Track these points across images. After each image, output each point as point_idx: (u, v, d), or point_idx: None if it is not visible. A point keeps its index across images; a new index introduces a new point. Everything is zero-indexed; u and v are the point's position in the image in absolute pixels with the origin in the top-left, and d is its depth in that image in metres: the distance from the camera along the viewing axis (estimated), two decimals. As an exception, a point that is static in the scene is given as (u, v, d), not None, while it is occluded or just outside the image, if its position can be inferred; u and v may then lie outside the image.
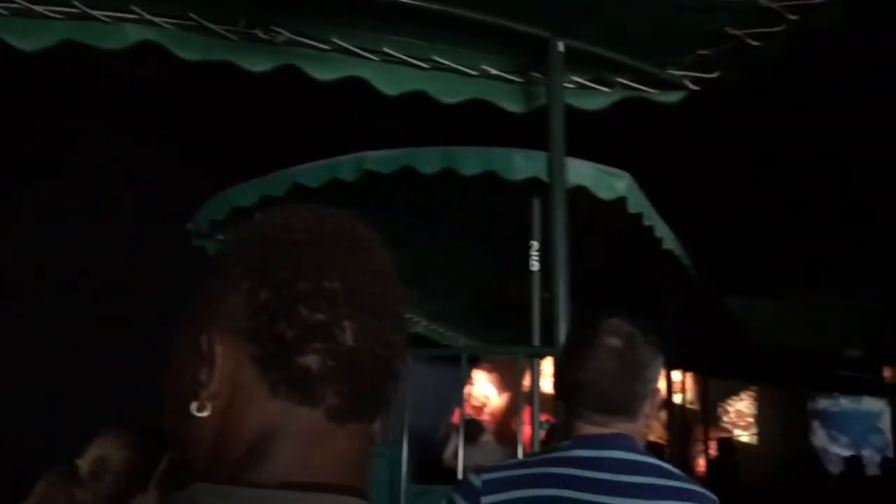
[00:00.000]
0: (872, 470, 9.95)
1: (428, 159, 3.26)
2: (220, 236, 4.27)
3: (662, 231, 3.86)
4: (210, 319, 0.68)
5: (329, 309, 0.65)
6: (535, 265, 3.28)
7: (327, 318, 0.65)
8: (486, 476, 1.37)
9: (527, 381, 3.43)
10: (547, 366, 3.89)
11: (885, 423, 12.44)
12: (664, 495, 1.35)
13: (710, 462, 9.61)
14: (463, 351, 4.48)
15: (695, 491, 1.39)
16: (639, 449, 1.41)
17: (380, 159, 3.38)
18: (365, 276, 0.68)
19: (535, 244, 3.29)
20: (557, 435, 1.45)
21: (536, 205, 3.34)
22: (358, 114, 4.58)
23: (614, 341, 1.39)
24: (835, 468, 10.69)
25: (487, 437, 6.79)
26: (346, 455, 0.65)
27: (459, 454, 3.51)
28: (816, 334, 9.49)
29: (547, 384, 3.00)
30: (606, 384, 1.38)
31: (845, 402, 11.73)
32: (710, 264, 5.25)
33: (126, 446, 1.41)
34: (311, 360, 0.64)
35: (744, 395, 11.07)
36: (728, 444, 10.01)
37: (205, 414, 0.65)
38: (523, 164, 3.17)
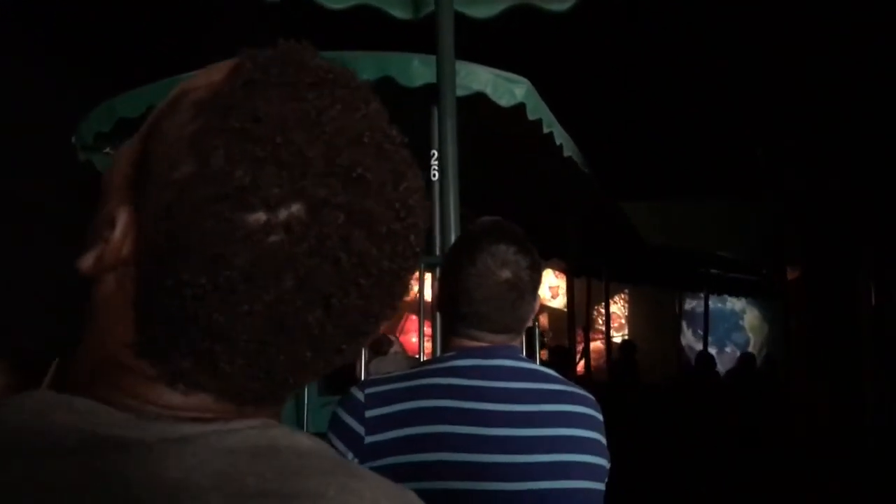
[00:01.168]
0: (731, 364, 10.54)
1: (322, 66, 3.15)
2: (107, 150, 4.08)
3: (562, 138, 3.88)
4: None
5: None
6: (435, 174, 3.25)
7: None
8: (369, 389, 1.31)
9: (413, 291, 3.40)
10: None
11: (747, 322, 13.19)
12: (549, 399, 1.36)
13: (612, 363, 10.00)
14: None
15: (577, 393, 1.42)
16: (520, 356, 1.42)
17: (272, 65, 3.24)
18: None
19: (435, 153, 3.25)
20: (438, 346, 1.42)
21: (435, 112, 3.29)
22: (243, 19, 4.38)
23: (504, 273, 1.35)
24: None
25: (396, 348, 6.86)
26: None
27: (361, 367, 3.52)
28: (699, 237, 9.89)
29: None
30: (494, 314, 1.37)
31: (710, 303, 12.28)
32: (601, 169, 5.34)
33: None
34: None
35: (617, 298, 11.41)
36: (629, 346, 10.43)
37: None
38: (421, 70, 3.10)
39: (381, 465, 1.24)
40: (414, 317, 10.34)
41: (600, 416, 1.43)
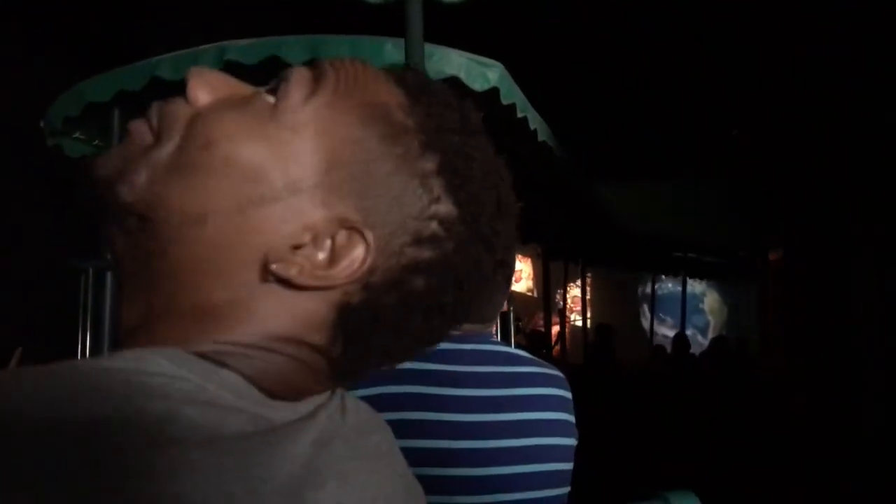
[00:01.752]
0: (697, 348, 10.66)
1: (294, 48, 3.12)
2: (77, 134, 4.02)
3: (536, 122, 3.87)
4: None
5: None
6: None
7: None
8: None
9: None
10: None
11: (707, 305, 13.33)
12: (518, 383, 1.36)
13: (589, 346, 10.07)
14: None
15: (546, 374, 1.42)
16: (492, 339, 1.42)
17: (242, 49, 3.21)
18: None
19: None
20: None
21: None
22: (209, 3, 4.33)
23: None
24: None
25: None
26: None
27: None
28: (674, 219, 9.93)
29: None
30: (478, 310, 1.37)
31: (670, 286, 12.36)
32: (577, 152, 5.34)
33: None
34: None
35: (579, 282, 11.46)
36: (606, 329, 10.49)
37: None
38: (394, 53, 3.08)
39: None
40: None
41: (569, 395, 1.43)
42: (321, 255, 0.56)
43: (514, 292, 11.75)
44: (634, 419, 7.30)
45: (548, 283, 10.13)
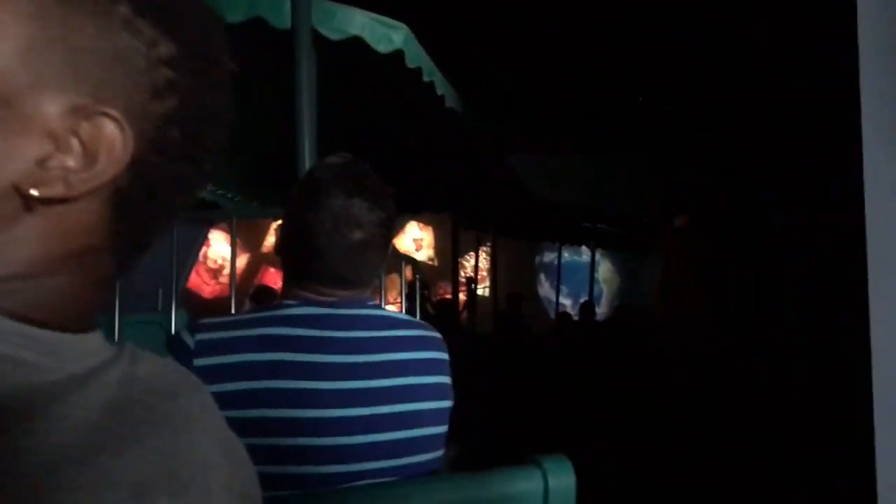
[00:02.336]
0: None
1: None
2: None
3: (443, 88, 3.81)
4: None
5: None
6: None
7: None
8: (200, 336, 1.22)
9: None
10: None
11: (600, 274, 13.70)
12: (393, 347, 1.32)
13: (499, 315, 10.15)
14: (234, 214, 4.28)
15: (423, 337, 1.38)
16: (367, 304, 1.36)
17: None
18: None
19: (310, 99, 3.12)
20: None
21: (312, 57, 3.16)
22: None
23: (357, 235, 1.28)
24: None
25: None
26: None
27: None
28: (577, 190, 10.09)
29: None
30: (345, 272, 1.31)
31: (566, 255, 12.60)
32: (486, 122, 5.31)
33: None
34: None
35: (482, 251, 11.49)
36: (517, 297, 10.59)
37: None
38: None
39: None
40: (272, 269, 10.07)
41: (446, 356, 1.41)
42: (74, 159, 0.49)
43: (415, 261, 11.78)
44: (547, 386, 7.41)
45: (456, 251, 10.14)
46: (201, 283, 10.16)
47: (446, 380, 1.38)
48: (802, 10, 5.00)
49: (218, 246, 10.13)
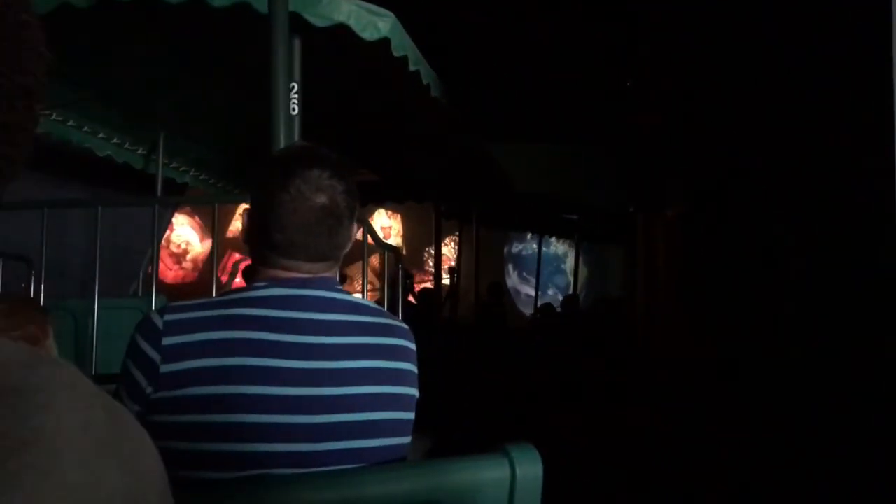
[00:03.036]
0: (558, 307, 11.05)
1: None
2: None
3: (429, 77, 3.81)
4: None
5: None
6: (294, 108, 3.13)
7: None
8: (168, 316, 1.24)
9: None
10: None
11: (568, 265, 13.78)
12: (363, 332, 1.34)
13: (481, 305, 10.19)
14: (215, 200, 4.27)
15: (391, 325, 1.40)
16: (335, 287, 1.37)
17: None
18: None
19: (295, 86, 3.11)
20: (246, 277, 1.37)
21: (297, 43, 3.15)
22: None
23: (319, 199, 1.30)
24: (525, 307, 11.76)
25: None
26: None
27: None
28: (560, 181, 10.09)
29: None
30: (310, 241, 1.32)
31: (534, 246, 12.64)
32: (469, 110, 5.30)
33: None
34: None
35: (447, 240, 11.41)
36: (498, 287, 10.61)
37: None
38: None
39: (177, 396, 1.19)
40: (237, 255, 9.95)
41: (414, 346, 1.42)
42: None
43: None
44: (531, 376, 7.45)
45: (439, 241, 10.14)
46: (164, 268, 10.06)
47: (412, 368, 1.39)
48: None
49: (181, 230, 9.94)
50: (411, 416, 1.38)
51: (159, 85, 4.49)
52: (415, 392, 1.39)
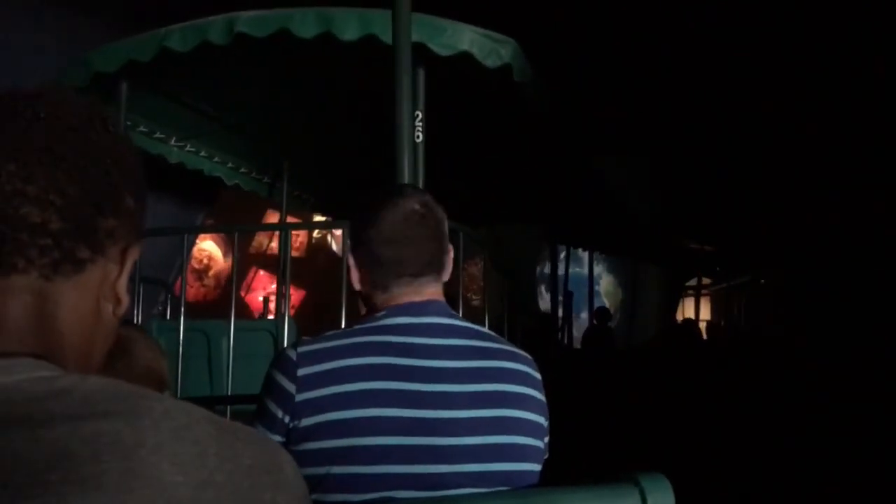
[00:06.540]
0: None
1: (303, 21, 3.08)
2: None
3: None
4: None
5: None
6: (419, 136, 3.20)
7: None
8: (301, 348, 1.31)
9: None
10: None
11: (602, 287, 13.46)
12: (483, 355, 1.36)
13: (588, 330, 10.03)
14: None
15: (512, 351, 1.41)
16: (452, 313, 1.41)
17: (252, 21, 3.17)
18: None
19: (420, 114, 3.19)
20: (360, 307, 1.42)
21: (421, 72, 3.23)
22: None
23: (411, 204, 1.39)
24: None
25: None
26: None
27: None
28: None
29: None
30: (410, 251, 1.38)
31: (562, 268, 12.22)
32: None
33: None
34: None
35: (478, 260, 11.04)
36: (604, 313, 10.44)
37: None
38: (406, 28, 3.02)
39: (313, 423, 1.24)
40: (262, 272, 9.83)
41: (538, 375, 1.42)
42: None
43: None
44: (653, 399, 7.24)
45: (555, 265, 10.09)
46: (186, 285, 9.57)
47: (535, 394, 1.40)
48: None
49: (203, 244, 9.49)
50: (539, 443, 1.38)
51: (284, 115, 4.66)
52: (541, 420, 1.39)
